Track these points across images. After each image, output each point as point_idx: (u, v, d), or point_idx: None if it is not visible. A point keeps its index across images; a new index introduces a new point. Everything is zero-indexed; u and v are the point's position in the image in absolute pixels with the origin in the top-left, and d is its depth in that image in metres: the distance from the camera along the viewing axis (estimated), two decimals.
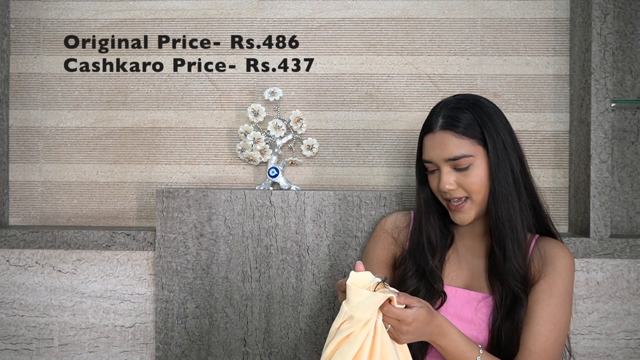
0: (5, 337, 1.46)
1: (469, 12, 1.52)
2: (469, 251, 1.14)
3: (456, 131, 1.04)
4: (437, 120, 1.07)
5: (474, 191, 1.05)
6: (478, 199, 1.06)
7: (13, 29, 1.56)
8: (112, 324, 1.46)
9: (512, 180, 1.06)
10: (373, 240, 1.25)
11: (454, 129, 1.04)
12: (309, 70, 1.53)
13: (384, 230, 1.22)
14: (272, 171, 1.43)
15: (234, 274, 1.38)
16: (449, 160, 1.04)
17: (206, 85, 1.54)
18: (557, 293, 1.05)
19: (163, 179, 1.54)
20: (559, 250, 1.09)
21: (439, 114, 1.08)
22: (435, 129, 1.07)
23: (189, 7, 1.54)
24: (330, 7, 1.53)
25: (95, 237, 1.43)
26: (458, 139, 1.04)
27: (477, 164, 1.04)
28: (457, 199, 1.06)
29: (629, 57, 1.53)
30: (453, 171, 1.05)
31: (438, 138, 1.06)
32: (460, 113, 1.06)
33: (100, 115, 1.55)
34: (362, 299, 0.89)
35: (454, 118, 1.05)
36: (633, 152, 1.53)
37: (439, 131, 1.06)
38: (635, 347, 1.41)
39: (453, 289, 1.10)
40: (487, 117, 1.06)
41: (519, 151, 1.09)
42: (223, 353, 1.38)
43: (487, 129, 1.05)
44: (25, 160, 1.56)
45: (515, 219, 1.06)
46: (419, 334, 0.94)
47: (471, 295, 1.09)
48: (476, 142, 1.04)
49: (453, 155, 1.04)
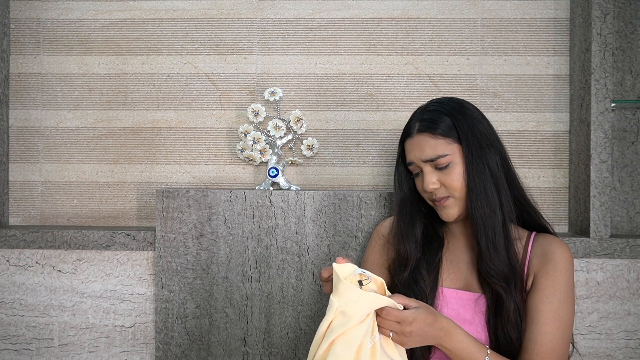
0: (5, 337, 1.46)
1: (469, 12, 1.52)
2: (462, 251, 1.15)
3: (432, 132, 1.08)
4: (415, 125, 1.11)
5: (456, 188, 1.07)
6: (461, 196, 1.07)
7: (13, 29, 1.56)
8: (112, 324, 1.46)
9: (489, 177, 1.07)
10: (370, 245, 1.25)
11: (429, 130, 1.08)
12: (308, 70, 1.53)
13: (380, 234, 1.23)
14: (272, 171, 1.43)
15: (234, 274, 1.38)
16: (428, 161, 1.08)
17: (206, 85, 1.54)
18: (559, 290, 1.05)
19: (163, 179, 1.54)
20: (557, 245, 1.09)
21: (417, 118, 1.12)
22: (413, 133, 1.11)
23: (189, 7, 1.54)
24: (330, 7, 1.53)
25: (95, 237, 1.43)
26: (434, 140, 1.07)
27: (455, 161, 1.07)
28: (441, 198, 1.09)
29: (629, 57, 1.53)
30: (435, 171, 1.08)
31: (416, 141, 1.10)
32: (435, 115, 1.09)
33: (100, 115, 1.55)
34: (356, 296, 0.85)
35: (430, 120, 1.09)
36: (633, 152, 1.53)
37: (416, 134, 1.10)
38: (635, 347, 1.41)
39: (452, 291, 1.10)
40: (461, 116, 1.09)
41: (498, 147, 1.10)
42: (223, 353, 1.38)
43: (461, 128, 1.07)
44: (25, 160, 1.56)
45: (493, 217, 1.06)
46: (424, 335, 0.93)
47: (469, 295, 1.09)
48: (453, 141, 1.07)
49: (430, 156, 1.07)
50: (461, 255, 1.14)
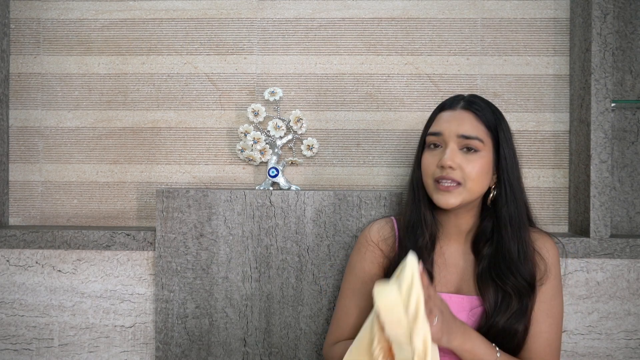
0: (5, 337, 1.46)
1: (469, 12, 1.52)
2: (456, 253, 1.12)
3: (477, 114, 1.07)
4: (459, 102, 1.09)
5: (471, 178, 1.04)
6: (471, 188, 1.04)
7: (13, 29, 1.56)
8: (112, 324, 1.46)
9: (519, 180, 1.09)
10: (359, 252, 1.17)
11: (476, 112, 1.07)
12: (308, 70, 1.53)
13: (370, 242, 1.15)
14: (272, 171, 1.43)
15: (234, 274, 1.38)
16: (462, 137, 1.04)
17: (206, 85, 1.54)
18: (550, 287, 1.06)
19: (163, 179, 1.54)
20: (544, 241, 1.10)
21: (462, 99, 1.11)
22: (456, 107, 1.09)
23: (189, 7, 1.54)
24: (330, 7, 1.53)
25: (95, 237, 1.43)
26: (477, 122, 1.06)
27: (483, 153, 1.05)
28: (451, 180, 1.04)
29: (629, 57, 1.53)
30: (460, 152, 1.05)
31: (457, 114, 1.07)
32: (484, 105, 1.09)
33: (100, 115, 1.55)
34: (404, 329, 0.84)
35: (478, 105, 1.08)
36: (633, 152, 1.53)
37: (460, 109, 1.08)
38: (635, 347, 1.41)
39: (446, 296, 1.07)
40: (501, 117, 1.10)
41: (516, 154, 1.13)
42: (223, 353, 1.38)
43: (502, 130, 1.08)
44: (25, 160, 1.56)
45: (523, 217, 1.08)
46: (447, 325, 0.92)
47: (464, 299, 1.07)
48: (489, 134, 1.06)
49: (468, 133, 1.05)
50: (455, 258, 1.12)
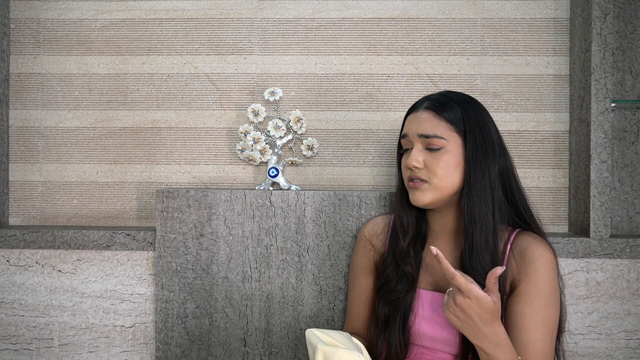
0: (5, 337, 1.46)
1: (469, 12, 1.52)
2: (444, 251, 1.12)
3: (438, 113, 1.07)
4: (423, 103, 1.11)
5: (437, 175, 1.05)
6: (438, 184, 1.05)
7: (13, 29, 1.56)
8: (112, 324, 1.46)
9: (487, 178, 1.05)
10: (356, 247, 1.26)
11: (436, 110, 1.07)
12: (308, 70, 1.53)
13: (363, 236, 1.23)
14: (272, 171, 1.43)
15: (234, 274, 1.38)
16: (422, 137, 1.07)
17: (206, 85, 1.54)
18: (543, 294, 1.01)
19: (163, 179, 1.54)
20: (537, 246, 1.04)
21: (427, 98, 1.11)
22: (419, 108, 1.11)
23: (189, 7, 1.54)
24: (330, 7, 1.53)
25: (95, 237, 1.43)
26: (437, 120, 1.07)
27: (448, 149, 1.05)
28: (418, 179, 1.07)
29: (629, 57, 1.53)
30: (424, 151, 1.07)
31: (419, 115, 1.09)
32: (448, 101, 1.09)
33: (100, 115, 1.55)
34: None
35: (440, 102, 1.08)
36: (633, 152, 1.53)
37: (422, 110, 1.09)
38: (635, 347, 1.41)
39: (429, 293, 1.08)
40: (473, 112, 1.08)
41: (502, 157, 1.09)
42: (223, 353, 1.38)
43: (470, 123, 1.06)
44: (25, 160, 1.56)
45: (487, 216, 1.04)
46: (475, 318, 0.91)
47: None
48: (454, 130, 1.06)
49: (426, 132, 1.06)
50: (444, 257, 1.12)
